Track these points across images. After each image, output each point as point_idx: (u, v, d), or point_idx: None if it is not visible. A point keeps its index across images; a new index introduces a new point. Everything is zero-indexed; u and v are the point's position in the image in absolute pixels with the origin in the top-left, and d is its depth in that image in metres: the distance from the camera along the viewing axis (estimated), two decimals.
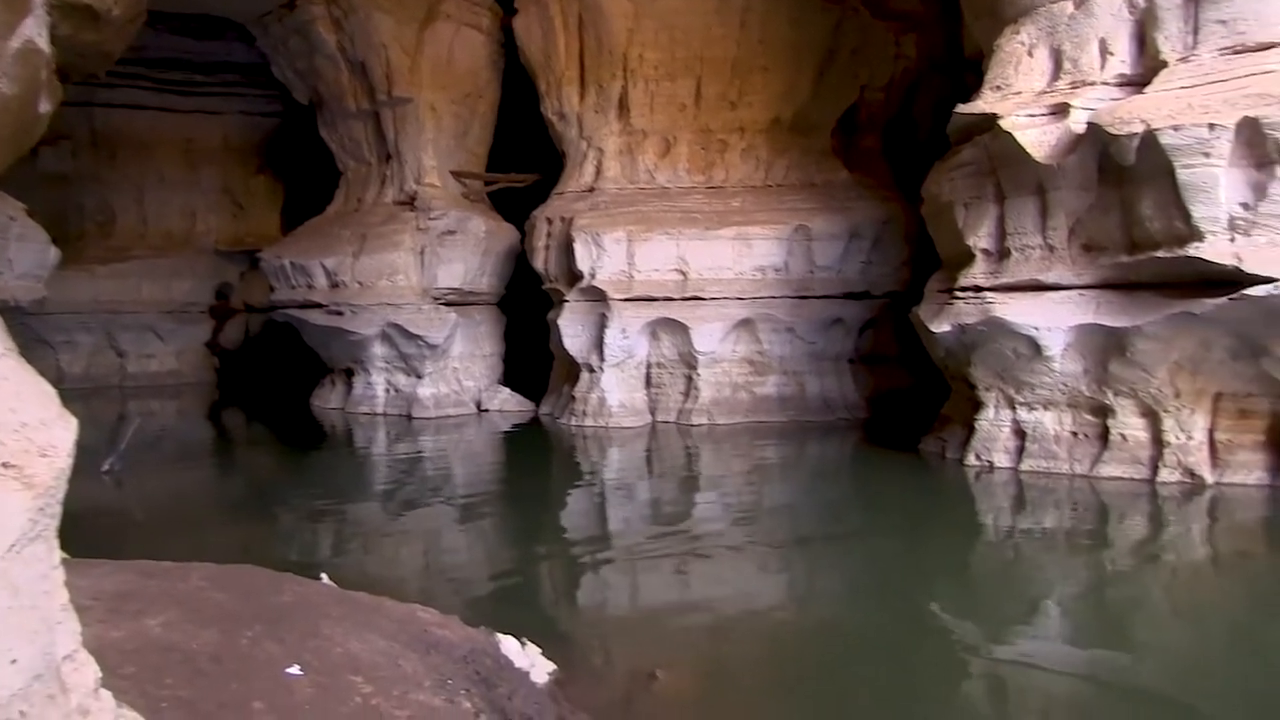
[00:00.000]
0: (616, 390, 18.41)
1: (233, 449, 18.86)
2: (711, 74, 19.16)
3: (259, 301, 27.03)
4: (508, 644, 6.06)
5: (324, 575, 7.25)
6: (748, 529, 11.05)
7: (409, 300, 20.11)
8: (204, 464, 16.63)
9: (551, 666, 6.09)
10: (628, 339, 18.28)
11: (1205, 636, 7.54)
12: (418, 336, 19.90)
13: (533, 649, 6.16)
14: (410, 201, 20.77)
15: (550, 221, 19.49)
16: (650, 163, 19.68)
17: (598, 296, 18.41)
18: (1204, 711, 5.95)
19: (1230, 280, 10.30)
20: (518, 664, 5.85)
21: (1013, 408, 12.91)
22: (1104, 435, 12.22)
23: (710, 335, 18.13)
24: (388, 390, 20.90)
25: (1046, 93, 12.20)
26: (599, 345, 18.44)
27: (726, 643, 7.41)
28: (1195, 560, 9.66)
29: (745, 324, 18.28)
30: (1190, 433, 11.64)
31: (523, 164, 22.66)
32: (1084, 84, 11.90)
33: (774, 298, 18.33)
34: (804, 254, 18.37)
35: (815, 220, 18.37)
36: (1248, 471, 11.42)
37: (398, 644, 5.21)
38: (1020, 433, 12.87)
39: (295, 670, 4.49)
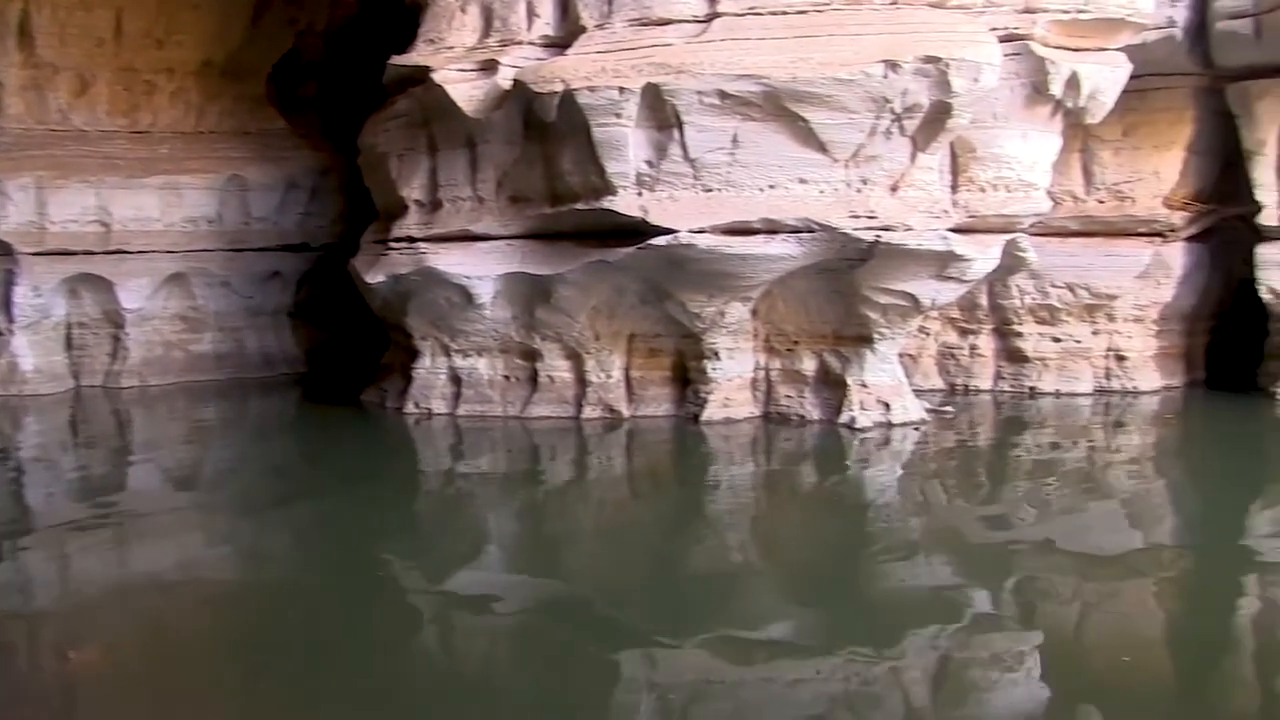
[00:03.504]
0: (30, 354, 16.53)
1: None
2: (134, 7, 17.45)
3: None
4: None
5: None
6: (189, 495, 10.53)
7: None
8: None
9: None
10: (41, 297, 16.52)
11: (625, 552, 8.31)
12: None
13: None
14: None
15: None
16: (64, 102, 17.69)
17: (3, 251, 16.39)
18: (623, 620, 6.54)
19: (638, 231, 11.27)
20: None
21: (448, 355, 13.27)
22: (534, 378, 12.94)
23: (138, 291, 16.88)
24: None
25: (478, 49, 12.53)
26: (7, 305, 16.44)
27: (166, 615, 6.95)
28: (615, 487, 10.62)
29: (177, 278, 17.22)
30: (609, 372, 12.67)
31: None
32: (512, 43, 12.34)
33: (208, 250, 17.39)
34: (239, 205, 17.57)
35: (250, 170, 17.61)
36: (657, 404, 12.69)
37: None
38: (456, 379, 13.27)
39: None
